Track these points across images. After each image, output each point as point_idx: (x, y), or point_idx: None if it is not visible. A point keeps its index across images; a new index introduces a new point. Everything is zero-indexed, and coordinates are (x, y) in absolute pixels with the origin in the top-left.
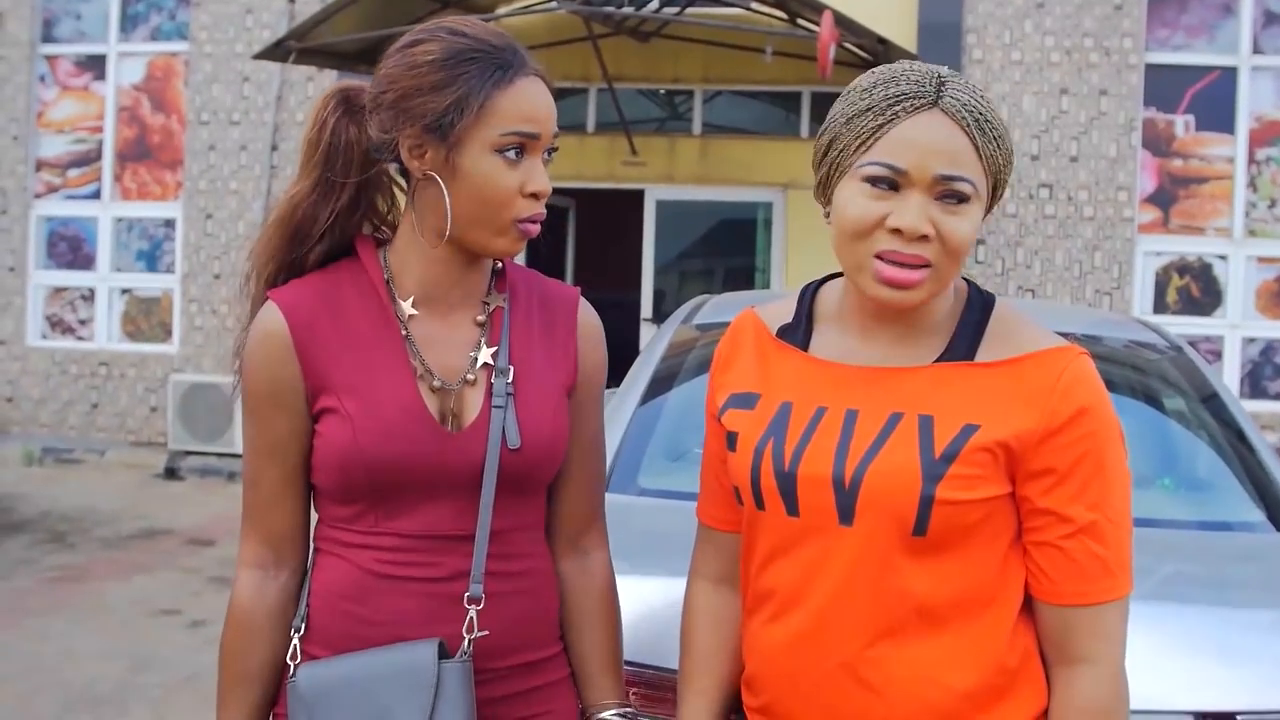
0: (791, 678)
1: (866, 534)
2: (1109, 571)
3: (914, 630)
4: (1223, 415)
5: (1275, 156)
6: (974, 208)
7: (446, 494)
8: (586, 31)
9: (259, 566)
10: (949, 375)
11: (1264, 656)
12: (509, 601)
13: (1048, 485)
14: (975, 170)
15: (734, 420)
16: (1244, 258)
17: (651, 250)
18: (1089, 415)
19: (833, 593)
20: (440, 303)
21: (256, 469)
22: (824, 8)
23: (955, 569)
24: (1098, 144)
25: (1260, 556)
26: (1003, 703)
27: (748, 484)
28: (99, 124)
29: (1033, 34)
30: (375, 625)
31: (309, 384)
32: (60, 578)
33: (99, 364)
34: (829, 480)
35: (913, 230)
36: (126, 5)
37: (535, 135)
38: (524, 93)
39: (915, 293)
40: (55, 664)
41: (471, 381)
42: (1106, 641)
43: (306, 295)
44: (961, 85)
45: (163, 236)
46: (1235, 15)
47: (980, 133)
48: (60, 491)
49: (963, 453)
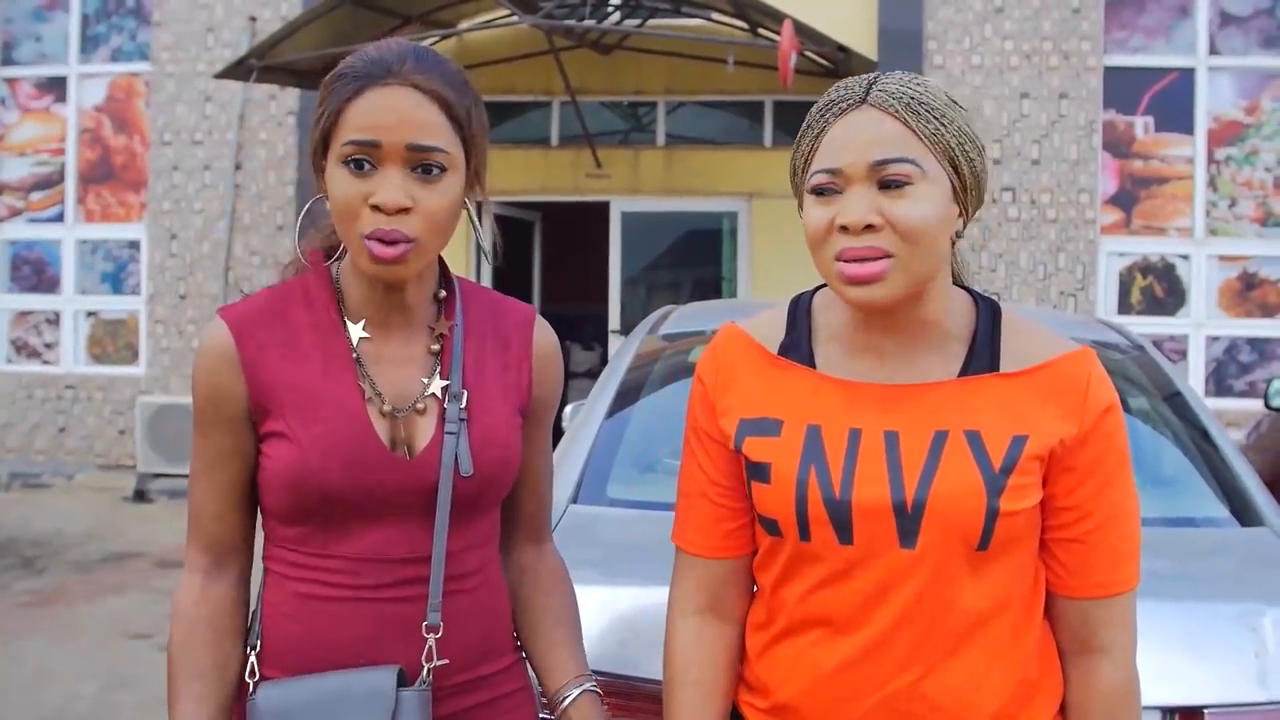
0: (842, 701)
1: (932, 554)
2: (1125, 561)
3: (969, 643)
4: (1186, 413)
5: (1234, 156)
6: (922, 188)
7: (396, 518)
8: (548, 45)
9: (201, 571)
10: (977, 388)
11: (1231, 650)
12: (465, 620)
13: (1074, 482)
14: (913, 150)
15: (759, 449)
16: (1206, 257)
17: (618, 262)
18: (1112, 413)
19: (898, 617)
20: (384, 325)
21: (198, 479)
22: (784, 17)
23: (1003, 579)
24: (1059, 147)
25: (1225, 551)
26: (1033, 703)
27: (791, 515)
28: (61, 146)
29: (992, 38)
30: (325, 648)
31: (254, 402)
32: (31, 602)
33: (65, 387)
34: (888, 505)
35: (855, 223)
36: (87, 26)
37: (374, 143)
38: (370, 102)
39: (882, 286)
40: (29, 685)
41: (422, 410)
42: (1124, 630)
43: (254, 313)
44: (893, 78)
45: (127, 258)
46: (1191, 16)
47: (913, 114)
48: (29, 516)
49: (1019, 463)
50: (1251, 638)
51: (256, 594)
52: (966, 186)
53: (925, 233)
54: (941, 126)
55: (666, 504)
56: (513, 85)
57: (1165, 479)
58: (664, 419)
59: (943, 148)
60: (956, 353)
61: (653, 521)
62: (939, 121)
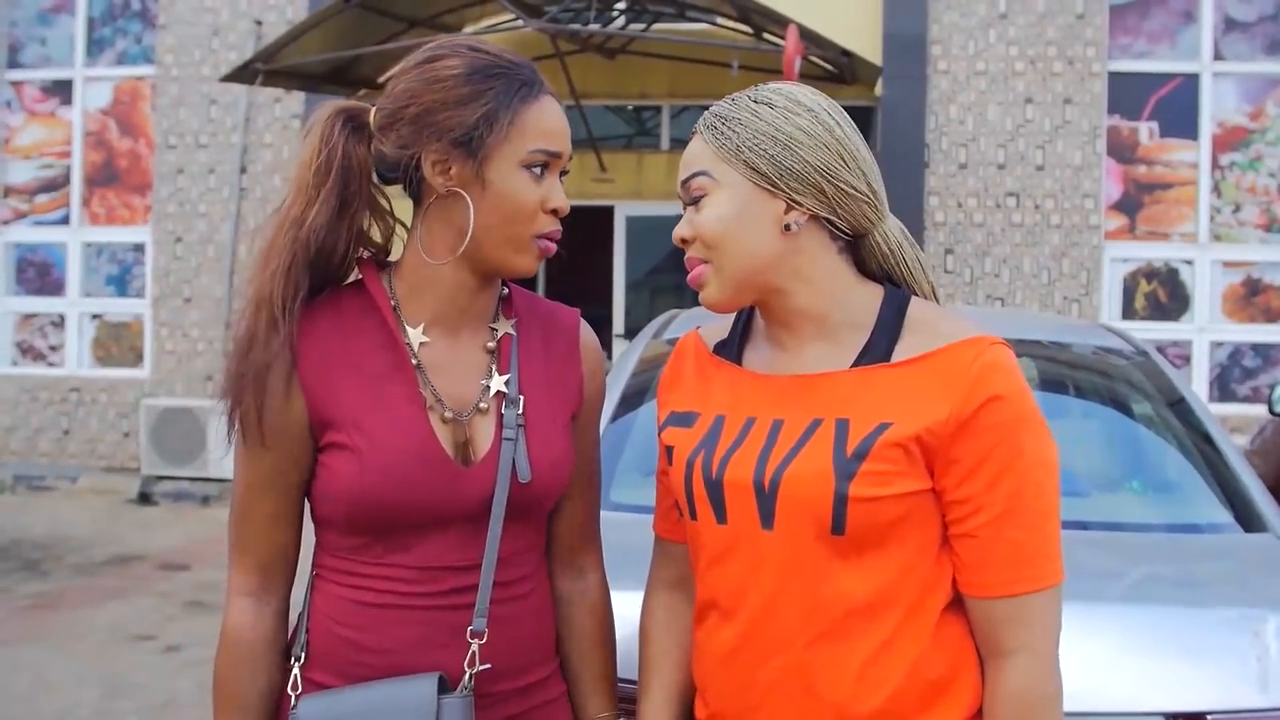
0: (738, 686)
1: (788, 536)
2: (1029, 560)
3: (850, 632)
4: (1189, 419)
5: (1238, 161)
6: (714, 196)
7: (453, 526)
8: (553, 49)
9: (250, 594)
10: (868, 377)
11: (1234, 656)
12: (510, 627)
13: (961, 474)
14: (705, 164)
15: (672, 436)
16: (1210, 262)
17: (622, 267)
18: (1001, 403)
19: (766, 598)
20: (450, 328)
21: (249, 498)
22: (789, 22)
23: (883, 567)
24: (1063, 152)
25: (1228, 556)
26: (938, 704)
27: (682, 494)
28: (66, 149)
29: (997, 44)
30: (375, 653)
31: (314, 416)
32: (34, 605)
33: (70, 390)
34: (750, 485)
35: (676, 237)
36: (92, 30)
37: (558, 154)
38: (546, 110)
39: (707, 289)
40: (29, 693)
41: (484, 410)
42: (1034, 631)
43: (312, 324)
44: (724, 99)
45: (132, 261)
46: (1196, 22)
47: (708, 129)
48: (33, 519)
49: (874, 449)
50: (1254, 643)
51: (302, 601)
52: (780, 179)
53: (721, 235)
54: (730, 132)
55: None
56: None
57: (1169, 484)
58: None
59: (729, 152)
60: (853, 343)
61: None
62: (728, 128)
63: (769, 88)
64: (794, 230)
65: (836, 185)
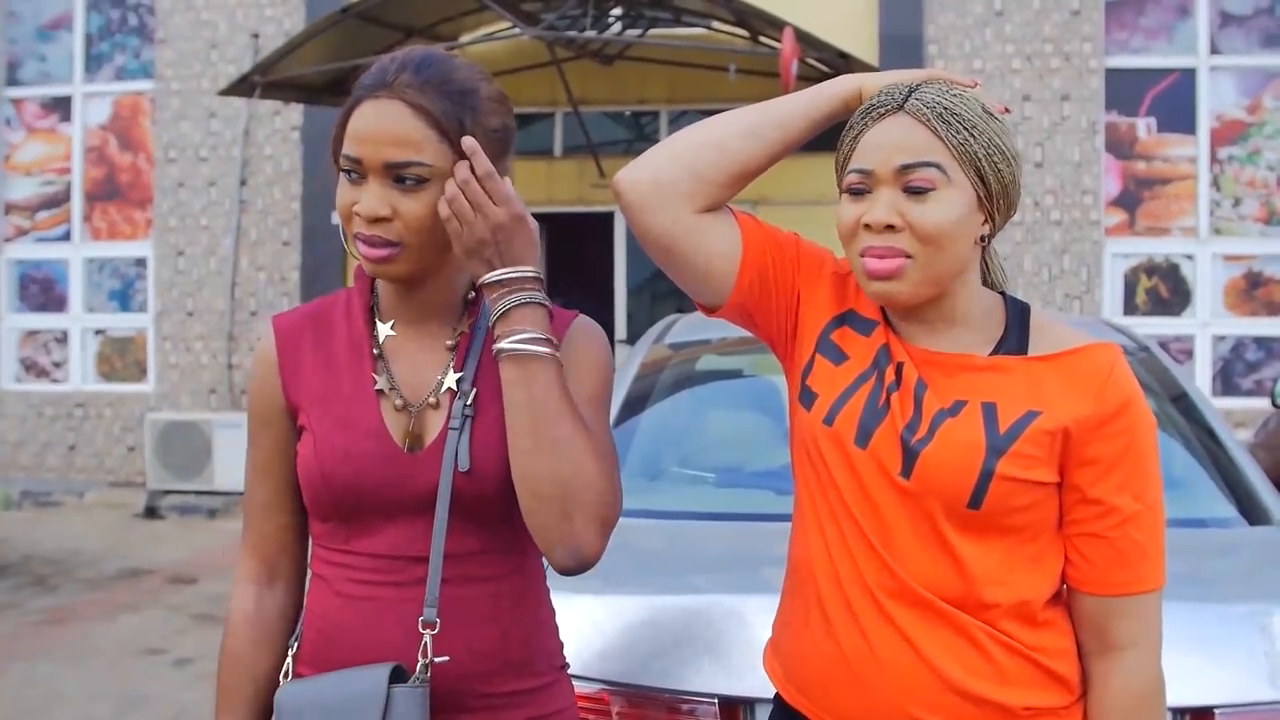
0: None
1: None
2: (1150, 561)
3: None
4: (1193, 414)
5: (1237, 155)
6: (944, 194)
7: (407, 515)
8: (550, 57)
9: (254, 581)
10: (1005, 366)
11: (1242, 650)
12: (475, 628)
13: (1097, 474)
14: (939, 157)
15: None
16: (1210, 256)
17: (623, 272)
18: (1134, 406)
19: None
20: (411, 324)
21: (250, 486)
22: (785, 24)
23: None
24: (1061, 149)
25: (1234, 551)
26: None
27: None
28: (67, 165)
29: (993, 42)
30: (343, 645)
31: (288, 402)
32: (44, 621)
33: (75, 405)
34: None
35: (878, 222)
36: (91, 45)
37: (355, 159)
38: (361, 116)
39: (897, 283)
40: (42, 707)
41: (435, 405)
42: (1146, 629)
43: (298, 318)
44: (933, 88)
45: (134, 275)
46: (1192, 16)
47: (944, 124)
48: (41, 534)
49: (1026, 433)
50: (1261, 637)
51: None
52: (993, 195)
53: (943, 236)
54: (970, 137)
55: (674, 512)
56: (515, 97)
57: (1173, 480)
58: (671, 428)
59: (969, 158)
60: (985, 338)
61: (660, 530)
62: (968, 132)
63: (977, 92)
64: (982, 243)
65: (1015, 206)
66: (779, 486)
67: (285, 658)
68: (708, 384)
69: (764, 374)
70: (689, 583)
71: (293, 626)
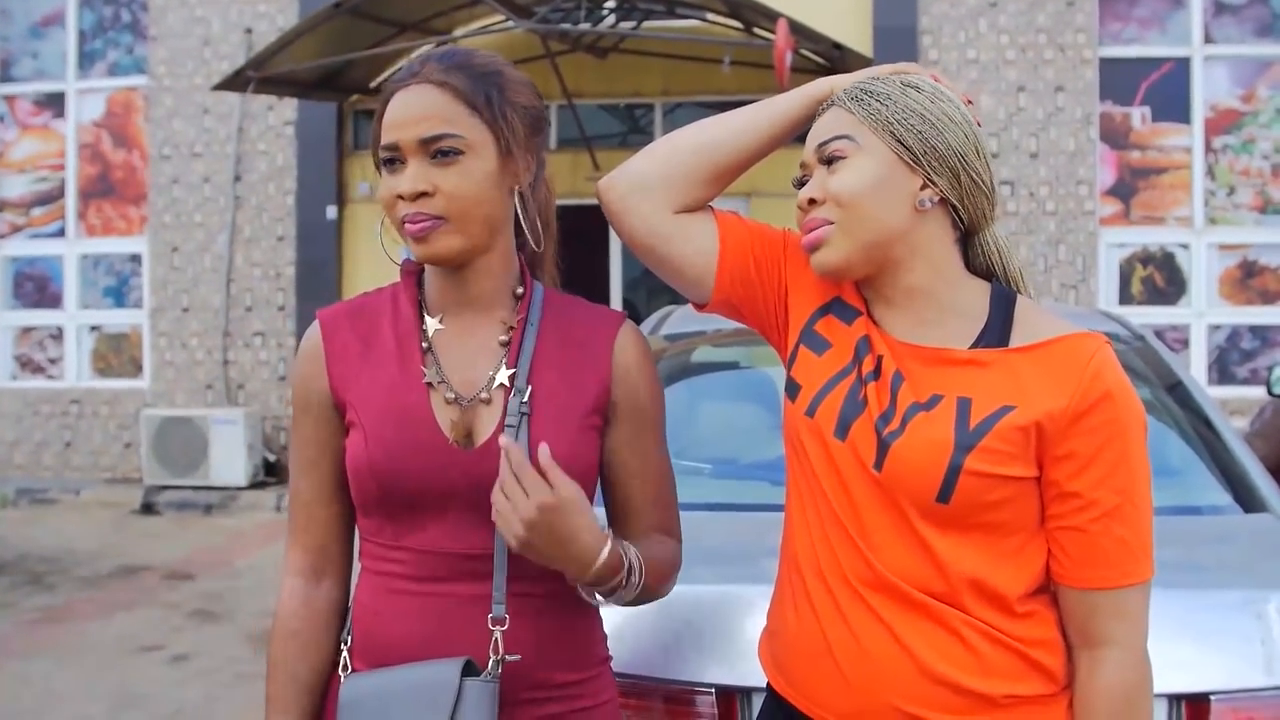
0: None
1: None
2: (1133, 555)
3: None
4: (1188, 402)
5: (1232, 144)
6: (855, 160)
7: (459, 511)
8: (544, 50)
9: (299, 574)
10: (984, 360)
11: (1236, 636)
12: (535, 622)
13: (1075, 468)
14: (849, 129)
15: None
16: (1205, 246)
17: (619, 265)
18: (1115, 399)
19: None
20: (459, 317)
21: (296, 480)
22: (779, 16)
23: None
24: (1056, 139)
25: (1229, 538)
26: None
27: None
28: (60, 162)
29: (988, 33)
30: (396, 641)
31: (336, 397)
32: (40, 619)
33: (70, 402)
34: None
35: (803, 197)
36: (84, 42)
37: (394, 144)
38: (392, 108)
39: (827, 249)
40: (38, 706)
41: (487, 400)
42: (1130, 624)
43: (344, 311)
44: (861, 82)
45: (129, 272)
46: (1185, 6)
47: (855, 101)
48: (37, 532)
49: (996, 428)
50: (1257, 624)
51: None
52: (920, 156)
53: (857, 197)
54: (882, 106)
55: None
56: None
57: (1169, 468)
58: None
59: (880, 123)
60: (966, 330)
61: None
62: (879, 102)
63: (915, 75)
64: (925, 209)
65: (969, 173)
66: (775, 477)
67: (334, 652)
68: (704, 375)
69: (760, 365)
70: (686, 573)
71: (342, 621)
